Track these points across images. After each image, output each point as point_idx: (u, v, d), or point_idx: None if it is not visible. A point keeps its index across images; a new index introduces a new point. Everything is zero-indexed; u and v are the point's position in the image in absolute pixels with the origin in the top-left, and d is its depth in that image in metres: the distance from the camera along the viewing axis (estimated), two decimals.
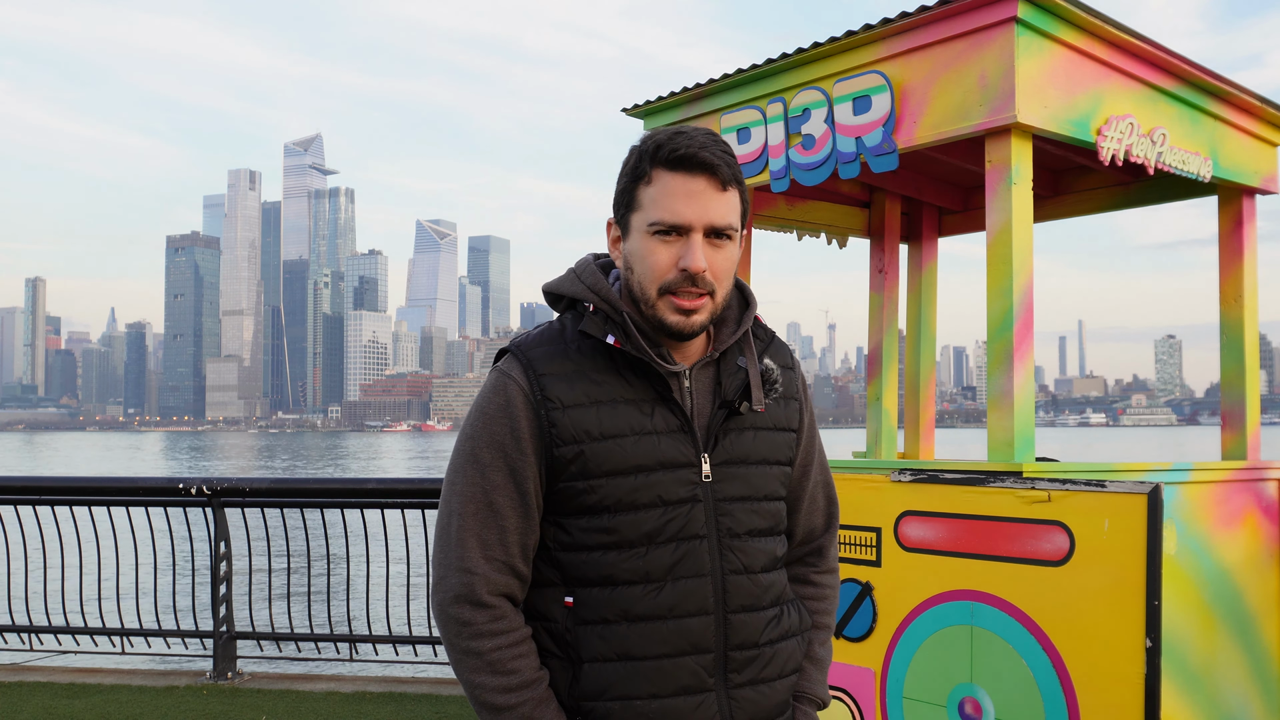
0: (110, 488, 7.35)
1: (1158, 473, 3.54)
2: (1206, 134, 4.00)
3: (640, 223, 1.78)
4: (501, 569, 1.78)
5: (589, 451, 1.76)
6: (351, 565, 8.24)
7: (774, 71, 4.01)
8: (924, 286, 5.33)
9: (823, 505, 2.06)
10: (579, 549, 1.78)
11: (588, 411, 1.77)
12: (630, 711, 1.75)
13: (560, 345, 1.82)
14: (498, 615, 1.76)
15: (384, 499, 6.71)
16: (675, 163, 1.76)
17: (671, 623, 1.76)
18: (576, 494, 1.77)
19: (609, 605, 1.76)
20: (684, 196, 1.75)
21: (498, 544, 1.78)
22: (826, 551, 2.06)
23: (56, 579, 7.60)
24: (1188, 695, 3.44)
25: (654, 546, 1.76)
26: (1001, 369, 3.44)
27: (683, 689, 1.76)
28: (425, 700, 6.13)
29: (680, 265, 1.75)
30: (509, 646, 1.76)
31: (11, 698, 6.31)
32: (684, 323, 1.77)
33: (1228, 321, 4.29)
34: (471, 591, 1.76)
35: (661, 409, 1.80)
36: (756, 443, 1.86)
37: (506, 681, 1.74)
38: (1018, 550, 3.19)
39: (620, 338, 1.79)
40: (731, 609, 1.80)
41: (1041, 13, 3.37)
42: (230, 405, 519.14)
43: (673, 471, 1.78)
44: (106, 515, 7.25)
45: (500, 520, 1.78)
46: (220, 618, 6.83)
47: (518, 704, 1.74)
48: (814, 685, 1.95)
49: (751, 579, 1.83)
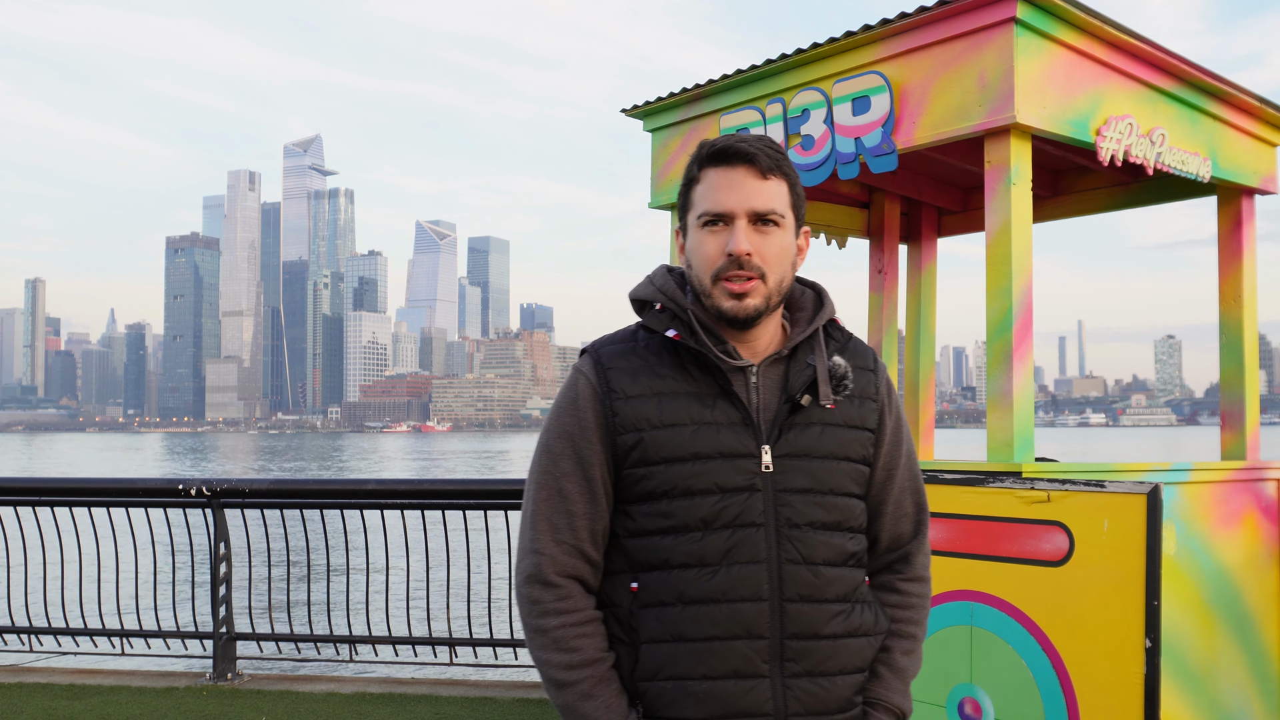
0: (110, 489, 7.34)
1: (1157, 473, 3.54)
2: (1206, 134, 4.00)
3: (692, 219, 1.90)
4: (570, 552, 1.88)
5: (648, 439, 1.84)
6: (351, 566, 8.24)
7: (773, 72, 4.01)
8: (923, 287, 5.33)
9: (911, 512, 2.04)
10: (641, 534, 1.87)
11: (649, 402, 1.86)
12: (681, 691, 1.81)
13: (631, 344, 1.93)
14: (564, 595, 1.86)
15: (384, 499, 6.71)
16: (716, 157, 1.88)
17: (724, 606, 1.81)
18: (638, 480, 1.86)
19: (666, 588, 1.83)
20: (725, 187, 1.86)
21: (566, 528, 1.88)
22: (914, 559, 2.04)
23: (56, 580, 7.59)
24: (1187, 695, 3.44)
25: (709, 532, 1.82)
26: (1001, 369, 3.44)
27: (734, 672, 1.81)
28: (425, 700, 6.13)
29: (727, 249, 1.84)
30: (573, 625, 1.85)
31: (11, 698, 6.31)
32: (738, 306, 1.85)
33: (1227, 321, 4.29)
34: (539, 571, 1.87)
35: (723, 402, 1.87)
36: (824, 438, 1.90)
37: (569, 659, 1.83)
38: (1017, 550, 3.19)
39: (682, 332, 1.88)
40: (788, 598, 1.84)
41: (1040, 13, 3.37)
42: (230, 406, 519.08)
43: (731, 461, 1.84)
44: (106, 516, 7.24)
45: (569, 505, 1.88)
46: (220, 619, 6.83)
47: (577, 680, 1.83)
48: (892, 693, 1.94)
49: (811, 570, 1.85)
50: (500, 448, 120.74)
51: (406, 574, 7.04)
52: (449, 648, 6.71)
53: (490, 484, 7.05)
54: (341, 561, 15.09)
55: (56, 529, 7.27)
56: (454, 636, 6.68)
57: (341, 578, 14.50)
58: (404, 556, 7.00)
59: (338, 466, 75.38)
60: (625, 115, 4.70)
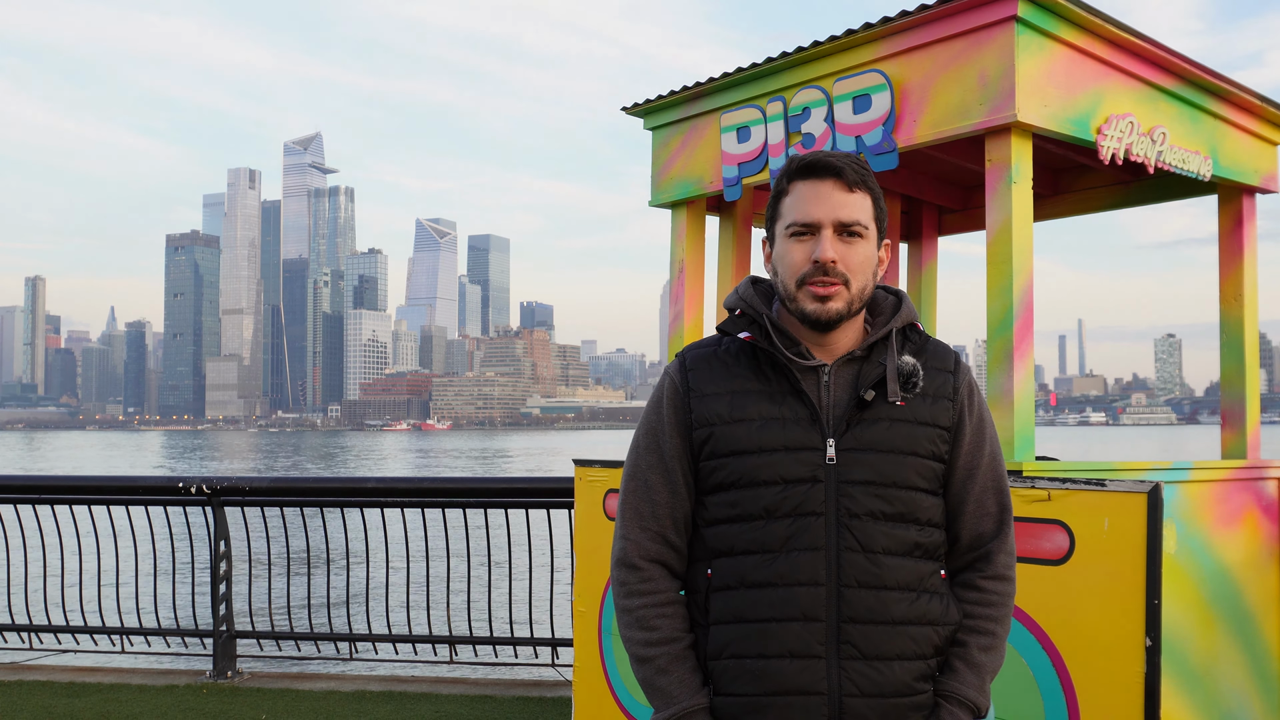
0: (110, 487, 7.35)
1: (1157, 472, 3.54)
2: (1206, 133, 4.00)
3: (781, 229, 2.02)
4: (654, 537, 2.03)
5: (718, 433, 1.99)
6: (351, 564, 8.24)
7: (774, 70, 4.01)
8: (924, 285, 5.33)
9: (994, 511, 2.07)
10: (714, 523, 2.00)
11: (722, 399, 2.00)
12: (740, 669, 1.93)
13: (714, 347, 2.08)
14: (646, 577, 2.02)
15: (384, 498, 6.71)
16: (805, 171, 2.00)
17: (782, 590, 1.92)
18: (711, 472, 2.00)
19: (731, 572, 1.96)
20: (813, 199, 1.98)
21: (650, 515, 2.04)
22: (994, 558, 2.07)
23: (56, 578, 7.59)
24: (1188, 694, 3.44)
25: (771, 520, 1.94)
26: (1001, 368, 3.44)
27: (789, 652, 1.91)
28: (425, 699, 6.13)
29: (814, 257, 1.96)
30: (654, 606, 2.00)
31: (11, 697, 6.31)
32: (821, 309, 1.97)
33: (1228, 320, 4.29)
34: (625, 555, 2.04)
35: (793, 400, 1.98)
36: (891, 433, 1.98)
37: (648, 636, 1.99)
38: (1018, 550, 3.19)
39: (757, 335, 2.01)
40: (845, 583, 1.92)
41: (1041, 11, 3.37)
42: (230, 404, 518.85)
43: (795, 454, 1.95)
44: (106, 514, 7.25)
45: (652, 494, 2.04)
46: (220, 617, 6.83)
47: (655, 656, 1.97)
48: (965, 687, 1.97)
49: (869, 558, 1.93)
50: (500, 446, 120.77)
51: (406, 572, 7.04)
52: (449, 646, 6.71)
53: (490, 483, 7.05)
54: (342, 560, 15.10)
55: (57, 527, 7.27)
56: (454, 635, 6.69)
57: (342, 576, 14.51)
58: (404, 555, 7.00)
59: (338, 465, 75.37)
60: (625, 113, 4.70)
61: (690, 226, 4.55)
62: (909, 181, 5.06)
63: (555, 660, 6.51)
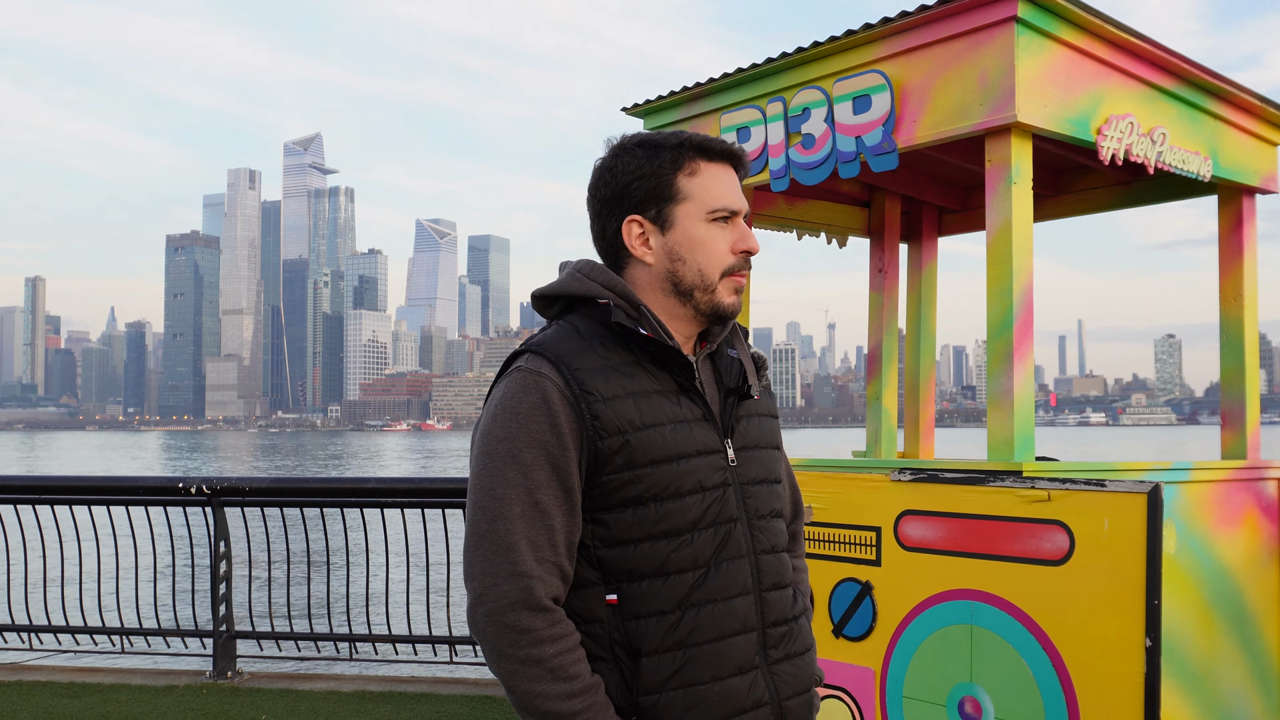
0: (110, 487, 7.34)
1: (1158, 472, 3.54)
2: (1206, 133, 4.00)
3: (694, 211, 1.85)
4: (553, 571, 1.74)
5: (634, 441, 1.76)
6: (351, 565, 8.24)
7: (774, 71, 4.01)
8: (924, 286, 5.33)
9: (789, 495, 2.14)
10: (624, 543, 1.77)
11: (626, 402, 1.77)
12: (693, 697, 1.76)
13: (582, 342, 1.81)
14: (556, 619, 1.73)
15: (384, 498, 6.71)
16: (720, 154, 1.88)
17: (722, 605, 1.80)
18: (621, 485, 1.76)
19: (663, 596, 1.76)
20: (730, 184, 1.88)
21: (547, 545, 1.74)
22: (799, 538, 2.17)
23: (56, 578, 7.59)
24: (1188, 695, 3.44)
25: (698, 532, 1.80)
26: (1001, 368, 3.44)
27: (737, 669, 1.80)
28: (425, 700, 6.13)
29: (741, 248, 1.87)
30: (569, 651, 1.73)
31: (11, 697, 6.31)
32: (737, 303, 1.88)
33: (1228, 321, 4.29)
34: (531, 596, 1.71)
35: (686, 399, 1.84)
36: (763, 428, 1.96)
37: (570, 688, 1.70)
38: (1018, 550, 3.19)
39: (650, 330, 1.82)
40: (765, 587, 1.87)
41: (1041, 12, 3.37)
42: (230, 405, 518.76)
43: (707, 458, 1.82)
44: (106, 515, 7.24)
45: (548, 520, 1.74)
46: (220, 617, 6.83)
47: (582, 709, 1.70)
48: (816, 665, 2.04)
49: (777, 557, 1.91)
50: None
51: (406, 573, 7.04)
52: (449, 646, 6.70)
53: None
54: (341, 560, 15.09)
55: (56, 527, 7.27)
56: (454, 635, 6.68)
57: (341, 576, 14.50)
58: (404, 555, 7.00)
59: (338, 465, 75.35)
60: (625, 114, 4.70)
61: None
62: (909, 182, 5.06)
63: None
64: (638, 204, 1.86)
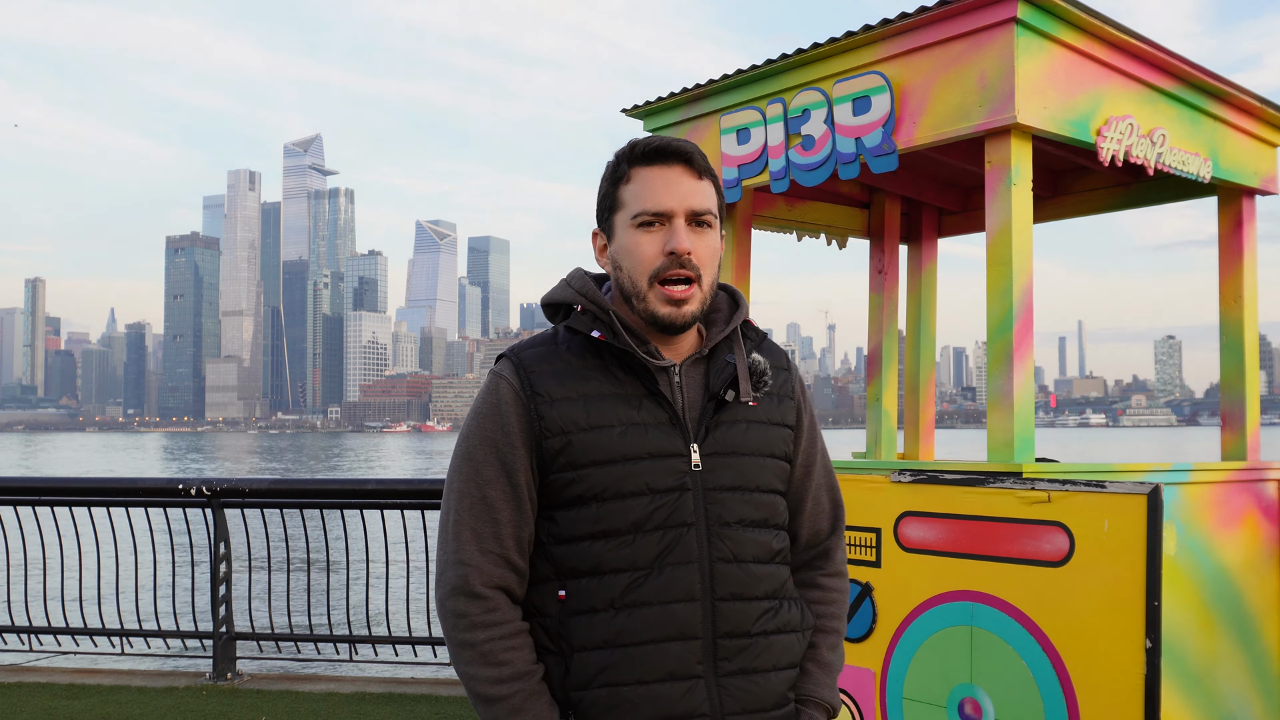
0: (110, 488, 7.35)
1: (1158, 473, 3.54)
2: (1206, 134, 4.00)
3: (624, 219, 1.87)
4: (496, 561, 1.83)
5: (576, 441, 1.81)
6: (351, 566, 8.24)
7: (774, 72, 4.01)
8: (924, 287, 5.33)
9: (828, 508, 2.08)
10: (569, 540, 1.83)
11: (575, 404, 1.83)
12: (617, 698, 1.78)
13: (551, 346, 1.90)
14: (491, 607, 1.81)
15: (383, 499, 6.71)
16: (651, 156, 1.86)
17: (658, 609, 1.79)
18: (565, 484, 1.82)
19: (597, 594, 1.80)
20: (663, 185, 1.84)
21: (491, 537, 1.83)
22: (833, 555, 2.07)
23: (56, 580, 7.59)
24: (1188, 695, 3.44)
25: (641, 534, 1.81)
26: (1001, 369, 3.44)
27: (669, 674, 1.79)
28: (425, 700, 6.13)
29: (667, 249, 1.83)
30: (501, 639, 1.80)
31: (11, 698, 6.31)
32: (675, 314, 1.84)
33: (1228, 322, 4.29)
34: (466, 583, 1.81)
35: (649, 402, 1.85)
36: (749, 435, 1.91)
37: (498, 673, 1.79)
38: (1018, 551, 3.19)
39: (606, 334, 1.86)
40: (720, 596, 1.83)
41: (1041, 13, 3.37)
42: (230, 406, 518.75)
43: (660, 461, 1.82)
44: (106, 516, 7.25)
45: (493, 513, 1.83)
46: (220, 618, 6.83)
47: (508, 695, 1.78)
48: (820, 688, 1.95)
49: (741, 568, 1.85)
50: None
51: (406, 573, 7.04)
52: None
53: None
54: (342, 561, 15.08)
55: (56, 529, 7.27)
56: None
57: (341, 577, 14.50)
58: (404, 556, 7.00)
59: (337, 467, 75.32)
60: (625, 115, 4.70)
61: None
62: (909, 183, 5.06)
63: None
64: (598, 216, 1.95)
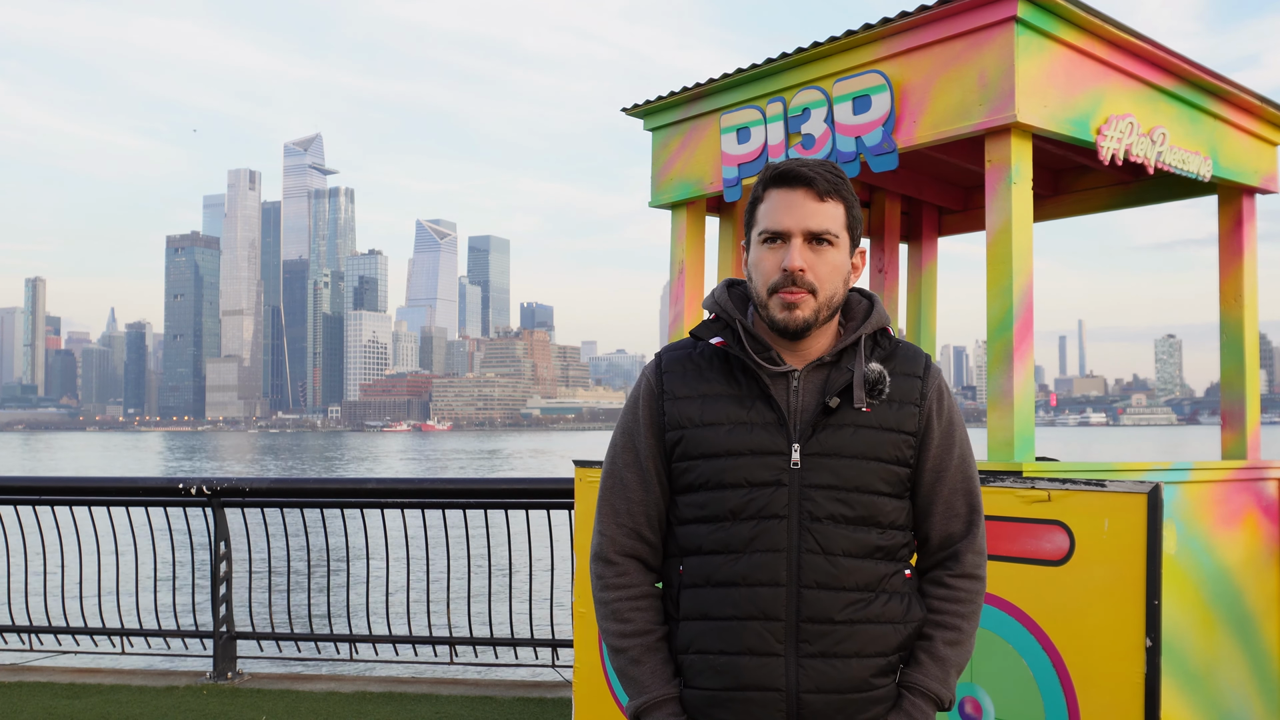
0: (110, 488, 7.34)
1: (1158, 472, 3.54)
2: (1206, 133, 4.00)
3: (755, 236, 2.07)
4: (628, 533, 2.11)
5: (689, 436, 2.05)
6: (351, 565, 8.24)
7: (774, 71, 4.01)
8: (924, 286, 5.33)
9: (963, 512, 2.12)
10: (685, 522, 2.07)
11: (693, 403, 2.06)
12: (704, 664, 2.01)
13: (688, 350, 2.15)
14: (621, 571, 2.10)
15: (384, 499, 6.71)
16: (778, 179, 2.05)
17: (744, 589, 1.99)
18: (681, 473, 2.07)
19: (700, 572, 2.03)
20: (784, 207, 2.02)
21: (625, 511, 2.12)
22: (963, 557, 2.12)
23: (56, 579, 7.60)
24: (1188, 695, 3.44)
25: (736, 522, 2.01)
26: (1001, 368, 3.44)
27: (749, 649, 1.98)
28: (425, 700, 6.13)
29: (782, 266, 2.00)
30: (628, 599, 2.09)
31: (11, 698, 6.31)
32: (789, 318, 2.01)
33: (1228, 321, 4.29)
34: (601, 550, 2.12)
35: (760, 404, 2.04)
36: (856, 439, 2.03)
37: (622, 628, 2.07)
38: (1018, 550, 3.19)
39: (729, 340, 2.07)
40: (805, 584, 1.98)
41: (1041, 12, 3.37)
42: (230, 405, 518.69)
43: (761, 458, 2.01)
44: (106, 515, 7.24)
45: (627, 491, 2.12)
46: (220, 618, 6.83)
47: (629, 648, 2.06)
48: (929, 680, 2.03)
49: (829, 560, 1.99)
50: (500, 447, 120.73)
51: (407, 573, 7.03)
52: (449, 647, 6.71)
53: (490, 483, 7.05)
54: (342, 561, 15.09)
55: (57, 528, 7.27)
56: (454, 635, 6.68)
57: (342, 577, 14.51)
58: (404, 556, 7.00)
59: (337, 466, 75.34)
60: (625, 114, 4.70)
61: (690, 227, 4.55)
62: (909, 182, 5.06)
63: (555, 661, 6.51)
64: (744, 230, 2.15)
